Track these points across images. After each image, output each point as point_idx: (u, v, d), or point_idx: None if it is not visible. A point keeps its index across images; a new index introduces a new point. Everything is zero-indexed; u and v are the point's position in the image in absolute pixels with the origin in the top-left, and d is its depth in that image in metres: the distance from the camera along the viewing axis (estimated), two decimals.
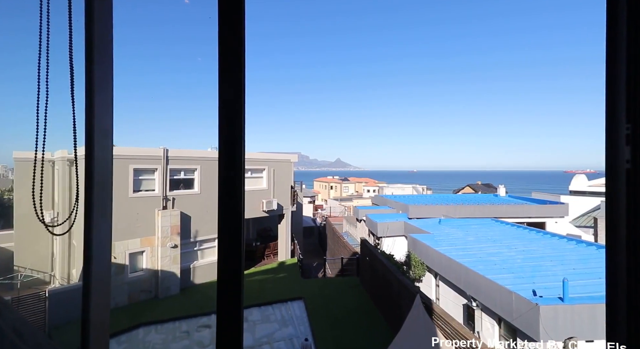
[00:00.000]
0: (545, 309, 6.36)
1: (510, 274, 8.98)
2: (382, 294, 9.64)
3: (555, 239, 13.30)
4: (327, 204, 53.12)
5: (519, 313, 6.95)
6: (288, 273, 14.78)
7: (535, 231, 14.90)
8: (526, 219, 19.62)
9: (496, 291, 7.83)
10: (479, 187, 57.46)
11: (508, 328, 7.80)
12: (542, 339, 6.35)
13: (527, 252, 11.26)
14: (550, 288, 7.71)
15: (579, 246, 11.97)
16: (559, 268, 9.37)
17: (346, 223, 28.73)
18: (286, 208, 17.46)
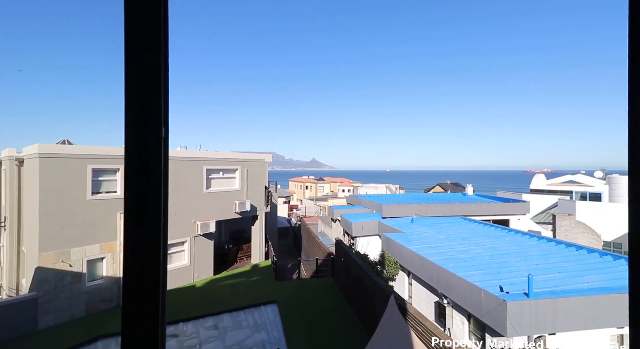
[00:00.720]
0: (512, 305, 6.59)
1: (479, 271, 9.27)
2: (357, 294, 9.62)
3: (518, 235, 14.00)
4: (303, 204, 52.90)
5: (487, 309, 7.16)
6: (262, 275, 14.40)
7: (501, 228, 15.64)
8: (492, 217, 20.58)
9: (466, 288, 8.04)
10: (448, 186, 59.88)
11: (477, 324, 8.04)
12: (509, 334, 6.57)
13: (493, 249, 11.74)
14: (515, 284, 8.04)
15: (540, 242, 12.68)
16: (522, 264, 9.83)
17: (321, 223, 28.68)
18: (260, 209, 17.05)
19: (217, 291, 12.76)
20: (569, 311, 6.80)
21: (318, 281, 13.85)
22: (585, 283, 8.01)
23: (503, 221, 20.77)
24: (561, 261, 10.07)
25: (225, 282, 13.81)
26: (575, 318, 6.84)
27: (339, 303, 10.96)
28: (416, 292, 11.28)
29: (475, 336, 8.23)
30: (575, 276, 8.51)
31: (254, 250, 17.09)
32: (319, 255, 17.84)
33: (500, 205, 21.16)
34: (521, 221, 21.25)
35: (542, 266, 9.56)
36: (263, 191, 17.42)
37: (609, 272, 8.84)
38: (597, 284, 7.87)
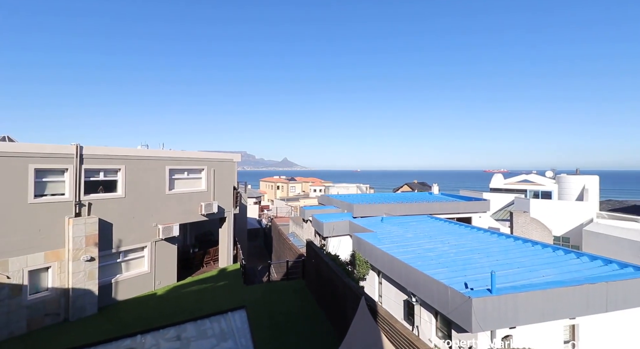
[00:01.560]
0: (477, 301, 6.79)
1: (445, 268, 9.52)
2: (328, 297, 9.49)
3: (480, 232, 14.67)
4: (274, 205, 52.15)
5: (453, 306, 7.33)
6: (229, 280, 13.83)
7: (464, 225, 16.31)
8: (456, 215, 21.49)
9: (433, 286, 8.20)
10: (415, 185, 62.07)
11: (444, 320, 8.23)
12: (474, 330, 6.76)
13: (458, 246, 12.17)
14: (479, 280, 8.33)
15: (500, 239, 13.37)
16: (485, 260, 10.25)
17: (293, 224, 28.35)
18: (228, 210, 16.41)
19: (181, 298, 12.03)
20: (528, 305, 7.15)
21: (289, 283, 13.56)
22: (542, 277, 8.50)
23: (466, 219, 21.78)
24: (519, 256, 10.65)
25: (189, 288, 13.08)
26: (534, 311, 7.20)
27: (310, 306, 10.77)
28: (386, 291, 11.39)
29: (442, 332, 8.42)
30: (532, 271, 9.01)
31: (221, 253, 16.41)
32: (289, 257, 17.54)
33: (463, 203, 22.15)
34: (482, 218, 22.42)
35: (503, 262, 10.03)
36: (231, 192, 16.79)
37: (562, 266, 9.47)
38: (552, 278, 8.38)
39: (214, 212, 15.00)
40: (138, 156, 12.81)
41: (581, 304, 7.54)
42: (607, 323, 8.01)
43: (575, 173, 28.28)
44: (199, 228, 18.85)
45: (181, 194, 14.22)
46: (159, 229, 12.92)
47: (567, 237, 22.99)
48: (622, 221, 21.42)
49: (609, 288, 7.71)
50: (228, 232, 16.45)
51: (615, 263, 9.40)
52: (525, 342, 7.35)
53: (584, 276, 8.48)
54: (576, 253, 10.59)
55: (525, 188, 36.01)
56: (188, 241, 18.16)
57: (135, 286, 12.46)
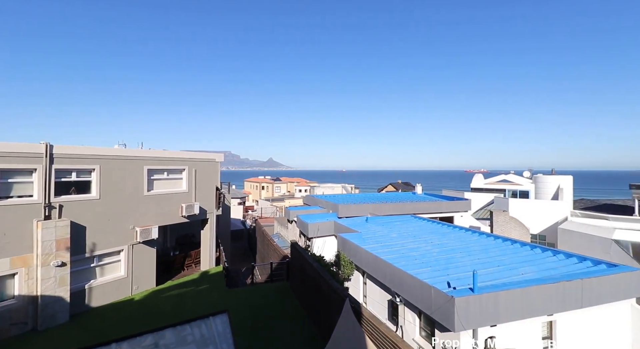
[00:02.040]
0: (459, 300, 6.85)
1: (428, 267, 9.61)
2: (312, 299, 9.37)
3: (462, 231, 14.96)
4: (259, 205, 51.53)
5: (437, 305, 7.38)
6: (211, 283, 13.47)
7: (447, 225, 16.60)
8: (439, 214, 21.88)
9: (417, 286, 8.24)
10: (399, 185, 62.96)
11: (427, 320, 8.28)
12: (457, 329, 6.82)
13: (441, 245, 12.34)
14: (461, 279, 8.45)
15: (481, 237, 13.66)
16: (467, 259, 10.42)
17: (277, 224, 28.05)
18: (210, 212, 15.99)
19: (160, 303, 11.60)
20: (508, 303, 7.29)
21: (273, 286, 13.35)
22: (521, 275, 8.70)
23: (448, 218, 22.21)
24: (499, 254, 10.90)
25: (169, 293, 12.64)
26: (514, 309, 7.35)
27: (294, 308, 10.62)
28: (370, 291, 11.39)
29: (425, 332, 8.48)
30: (512, 269, 9.23)
31: (203, 256, 15.97)
32: (274, 258, 17.31)
33: (445, 203, 22.57)
34: (464, 217, 22.93)
35: (484, 260, 10.23)
36: (214, 193, 16.38)
37: (539, 263, 9.75)
38: (530, 276, 8.60)
39: (195, 213, 14.58)
40: (114, 155, 12.26)
41: (558, 301, 7.76)
42: (581, 318, 8.29)
43: (551, 173, 29.41)
44: (180, 230, 18.30)
45: (161, 195, 13.73)
46: (137, 232, 12.41)
47: (543, 235, 23.85)
48: (594, 219, 22.44)
49: (583, 284, 7.98)
50: (210, 234, 16.04)
51: (589, 260, 9.76)
52: (506, 339, 7.49)
53: (561, 273, 8.75)
54: (552, 251, 10.94)
55: (504, 188, 37.19)
56: (168, 243, 17.59)
57: (110, 291, 11.91)
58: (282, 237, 24.50)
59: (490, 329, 7.34)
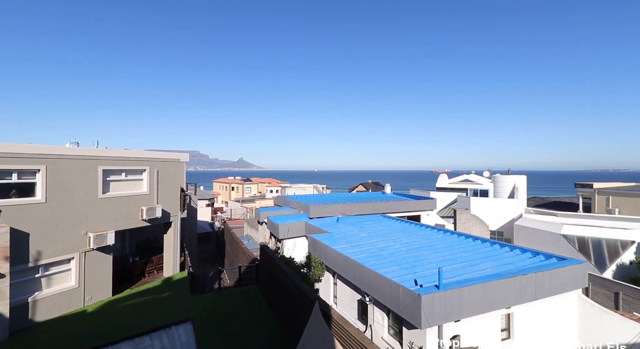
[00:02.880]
0: (426, 298, 7.02)
1: (397, 266, 9.80)
2: (282, 302, 9.17)
3: (428, 230, 15.49)
4: (228, 207, 50.05)
5: (404, 303, 7.51)
6: (175, 290, 12.76)
7: (414, 223, 17.11)
8: (407, 213, 22.53)
9: (385, 285, 8.34)
10: (369, 185, 64.28)
11: (395, 318, 8.42)
12: (423, 326, 6.98)
13: (408, 244, 12.67)
14: (427, 276, 8.69)
15: (445, 235, 14.22)
16: (432, 256, 10.77)
17: (247, 226, 27.37)
18: (174, 214, 15.17)
19: (117, 314, 10.76)
20: (470, 298, 7.60)
21: (241, 290, 12.92)
22: (482, 271, 9.13)
23: (415, 217, 22.94)
24: (462, 251, 11.39)
25: (128, 302, 11.78)
26: (476, 303, 7.68)
27: (263, 312, 10.34)
28: (341, 292, 11.40)
29: (393, 330, 8.61)
30: (474, 265, 9.66)
31: (166, 261, 15.12)
32: (243, 261, 16.82)
33: (413, 202, 23.30)
34: (430, 216, 23.81)
35: (448, 257, 10.63)
36: (178, 194, 15.56)
37: (498, 259, 10.31)
38: (490, 271, 9.05)
39: (157, 216, 13.74)
40: (63, 154, 11.19)
41: (515, 294, 8.24)
42: (535, 309, 8.87)
43: (507, 173, 31.47)
44: (140, 235, 17.21)
45: (118, 198, 12.77)
46: (90, 238, 11.43)
47: (501, 232, 25.44)
48: (545, 215, 24.34)
49: (537, 278, 8.53)
50: (174, 238, 15.22)
51: (542, 255, 10.49)
52: (469, 333, 7.80)
53: (517, 268, 9.30)
54: (510, 247, 11.63)
55: (466, 187, 39.27)
56: (127, 249, 16.46)
57: (59, 303, 10.85)
58: (252, 240, 23.93)
59: (455, 324, 7.60)
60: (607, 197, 28.74)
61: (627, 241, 17.37)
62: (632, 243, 17.17)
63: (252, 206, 47.30)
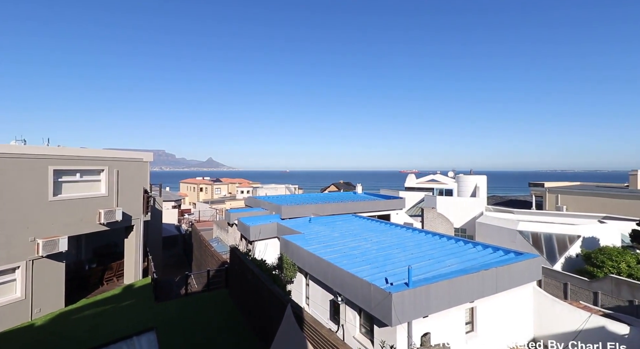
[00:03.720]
0: (396, 295, 7.17)
1: (368, 265, 9.94)
2: (253, 306, 8.94)
3: (397, 228, 15.91)
4: (196, 208, 48.18)
5: (376, 302, 7.62)
6: (137, 298, 12.00)
7: (384, 222, 17.51)
8: (377, 213, 23.02)
9: (357, 284, 8.42)
10: (341, 185, 65.00)
11: (367, 316, 8.53)
12: (394, 323, 7.13)
13: (379, 242, 12.92)
14: (397, 274, 8.90)
15: (414, 233, 14.69)
16: (402, 255, 11.06)
17: (217, 228, 26.51)
18: (137, 217, 14.27)
19: (70, 327, 9.90)
20: (438, 294, 7.89)
21: (210, 295, 12.44)
22: (447, 267, 9.53)
23: (386, 216, 23.52)
24: (429, 249, 11.82)
25: (83, 313, 10.88)
26: (443, 299, 7.98)
27: (233, 317, 10.02)
28: (313, 293, 11.36)
29: (365, 328, 8.72)
30: (440, 261, 10.06)
31: (127, 267, 14.18)
32: (212, 265, 16.24)
33: (383, 202, 23.86)
34: (399, 215, 24.53)
35: (417, 255, 10.98)
36: (141, 196, 14.66)
37: (463, 255, 10.82)
38: (456, 267, 9.47)
39: (117, 220, 12.84)
40: (7, 153, 10.09)
41: (478, 288, 8.68)
42: (496, 302, 9.41)
43: (470, 173, 33.28)
44: (99, 240, 15.99)
45: (72, 201, 11.77)
46: (38, 245, 10.41)
47: (464, 229, 26.84)
48: (503, 213, 26.03)
49: (498, 272, 9.06)
50: (136, 243, 14.31)
51: (501, 250, 11.17)
52: (436, 328, 8.10)
53: (480, 263, 9.82)
54: (472, 243, 12.26)
55: (433, 187, 40.98)
56: (83, 255, 15.24)
57: (2, 317, 9.77)
58: (222, 242, 23.20)
59: (424, 320, 7.85)
60: (557, 195, 31.40)
61: (574, 236, 19.04)
62: (578, 237, 18.86)
63: (222, 207, 45.96)
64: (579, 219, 22.98)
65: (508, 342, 9.64)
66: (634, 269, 15.02)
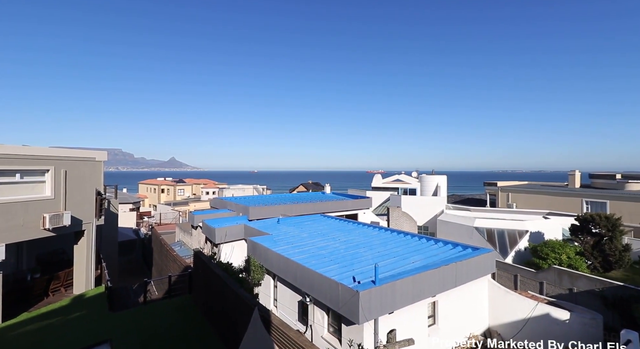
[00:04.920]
0: (363, 293, 7.32)
1: (336, 264, 10.04)
2: (218, 311, 8.63)
3: (365, 227, 16.28)
4: (157, 211, 45.59)
5: (343, 301, 7.72)
6: (89, 309, 11.06)
7: (352, 222, 17.82)
8: (345, 212, 23.37)
9: (325, 284, 8.47)
10: (310, 185, 65.18)
11: (335, 315, 8.61)
12: (361, 321, 7.26)
13: (347, 242, 13.12)
14: (364, 272, 9.09)
15: (380, 232, 15.11)
16: (369, 253, 11.32)
17: (180, 231, 25.27)
18: (88, 221, 13.15)
19: (8, 344, 8.86)
20: (403, 290, 8.17)
21: (171, 302, 11.81)
22: (412, 263, 9.91)
23: (353, 215, 23.95)
24: (395, 246, 12.22)
25: (24, 328, 9.79)
26: (407, 294, 8.29)
27: (197, 324, 9.59)
28: (281, 294, 11.24)
29: (333, 327, 8.80)
30: (405, 258, 10.44)
31: (77, 276, 13.01)
32: (174, 270, 15.45)
33: (351, 201, 24.28)
34: (366, 214, 25.11)
35: (383, 253, 11.30)
36: (93, 198, 13.54)
37: (425, 252, 11.33)
38: (419, 263, 9.88)
39: (65, 225, 11.73)
40: None
41: (440, 283, 9.13)
42: (455, 295, 9.97)
43: (432, 173, 34.98)
44: (43, 246, 14.50)
45: (10, 204, 10.56)
46: None
47: (427, 226, 28.14)
48: (461, 211, 27.69)
49: (457, 267, 9.60)
50: (88, 249, 13.18)
51: (460, 246, 11.85)
52: (401, 323, 8.38)
53: (441, 259, 10.34)
54: (434, 240, 12.88)
55: (398, 186, 42.52)
56: (24, 264, 13.75)
57: None
58: (185, 246, 22.17)
59: (389, 316, 8.09)
60: (507, 194, 34.06)
61: (522, 231, 20.75)
62: (526, 232, 20.59)
63: (186, 209, 43.97)
64: (526, 215, 25.12)
65: (466, 333, 10.25)
66: (573, 260, 16.72)
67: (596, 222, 17.65)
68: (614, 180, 29.43)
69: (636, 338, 6.03)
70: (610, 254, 16.75)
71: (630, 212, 24.70)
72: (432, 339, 9.17)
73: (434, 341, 9.11)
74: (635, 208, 24.84)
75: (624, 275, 16.48)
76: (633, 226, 24.01)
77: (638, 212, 24.71)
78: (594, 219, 17.81)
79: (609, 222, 17.36)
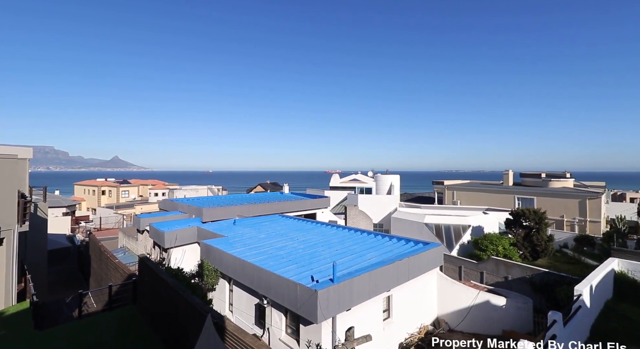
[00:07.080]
0: (322, 292, 7.32)
1: (294, 264, 9.95)
2: (167, 322, 8.01)
3: (323, 226, 16.40)
4: (97, 214, 41.28)
5: (302, 301, 7.65)
6: (9, 328, 9.56)
7: (310, 221, 17.86)
8: (304, 212, 23.37)
9: (283, 285, 8.34)
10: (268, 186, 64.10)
11: (293, 316, 8.51)
12: (319, 320, 7.26)
13: (305, 241, 13.09)
14: (323, 271, 9.12)
15: (338, 230, 15.34)
16: (327, 252, 11.41)
17: (123, 236, 23.14)
18: (7, 228, 11.39)
19: None
20: (359, 287, 8.35)
21: (112, 314, 10.70)
22: (368, 260, 10.19)
23: (312, 215, 24.04)
24: (352, 244, 12.48)
25: None
26: (364, 290, 8.49)
27: (143, 338, 8.80)
28: (237, 298, 10.83)
29: (291, 329, 8.69)
30: (362, 255, 10.70)
31: None
32: (116, 279, 14.06)
33: (309, 201, 24.34)
34: (324, 213, 25.38)
35: (341, 251, 11.47)
36: (15, 201, 11.77)
37: (381, 248, 11.73)
38: (375, 260, 10.19)
39: None
40: None
41: (394, 278, 9.51)
42: (407, 288, 10.47)
43: (386, 173, 36.51)
44: None
45: None
46: None
47: (382, 224, 29.29)
48: (412, 208, 29.31)
49: (410, 261, 10.08)
50: (7, 259, 11.42)
51: (412, 241, 12.49)
52: (358, 319, 8.56)
53: (395, 254, 10.79)
54: (389, 237, 13.42)
55: (355, 186, 43.64)
56: None
57: None
58: (130, 252, 20.35)
59: (347, 313, 8.21)
60: (453, 191, 36.84)
61: (466, 225, 22.58)
62: (469, 227, 22.44)
63: (131, 212, 40.50)
64: (469, 211, 27.42)
65: (417, 323, 10.83)
66: (508, 251, 18.61)
67: (526, 216, 19.84)
68: (539, 178, 33.39)
69: (560, 318, 6.86)
70: (538, 244, 18.95)
71: (552, 206, 28.29)
72: (387, 332, 9.52)
73: (389, 334, 9.46)
74: (557, 203, 28.53)
75: (548, 262, 18.74)
76: (555, 219, 27.56)
77: (559, 207, 28.43)
78: (524, 214, 20.00)
79: (536, 216, 19.62)
